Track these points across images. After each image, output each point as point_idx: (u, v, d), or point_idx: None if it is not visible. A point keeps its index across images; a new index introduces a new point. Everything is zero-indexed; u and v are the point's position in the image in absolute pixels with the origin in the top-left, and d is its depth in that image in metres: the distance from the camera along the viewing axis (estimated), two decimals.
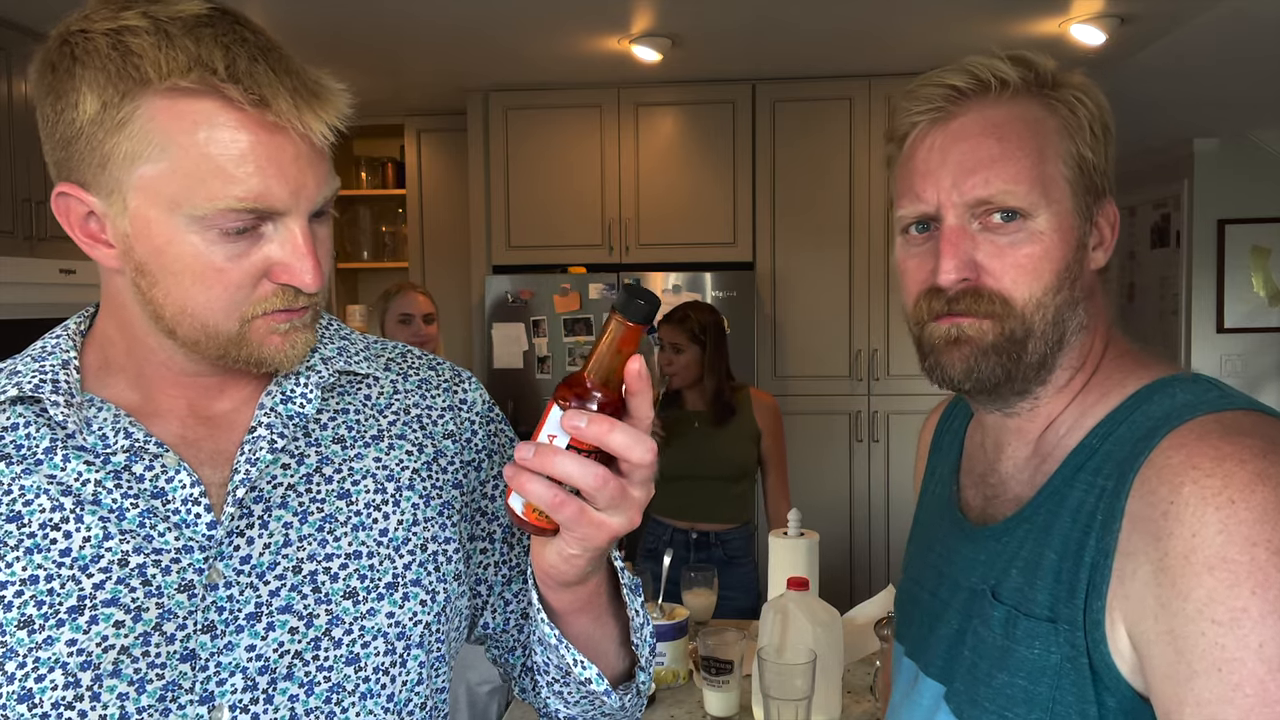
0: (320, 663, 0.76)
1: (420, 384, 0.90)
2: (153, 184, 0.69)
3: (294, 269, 0.72)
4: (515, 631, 0.92)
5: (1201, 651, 0.67)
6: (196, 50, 0.67)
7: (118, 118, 0.68)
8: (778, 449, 2.89)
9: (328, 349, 0.86)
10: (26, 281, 2.90)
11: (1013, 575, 0.83)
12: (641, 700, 0.90)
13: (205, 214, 0.69)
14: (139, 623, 0.72)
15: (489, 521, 0.90)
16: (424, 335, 2.96)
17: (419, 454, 0.86)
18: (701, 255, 4.05)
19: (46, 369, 0.77)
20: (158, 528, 0.74)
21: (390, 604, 0.79)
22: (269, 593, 0.76)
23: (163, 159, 0.68)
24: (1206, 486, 0.68)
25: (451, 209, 4.50)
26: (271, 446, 0.78)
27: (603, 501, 0.66)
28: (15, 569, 0.72)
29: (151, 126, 0.68)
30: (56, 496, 0.74)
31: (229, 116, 0.68)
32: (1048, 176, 0.81)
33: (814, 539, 2.13)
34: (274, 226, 0.72)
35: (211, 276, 0.71)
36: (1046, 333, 0.82)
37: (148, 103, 0.68)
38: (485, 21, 3.24)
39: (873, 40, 3.49)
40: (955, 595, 0.91)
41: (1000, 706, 0.81)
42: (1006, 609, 0.82)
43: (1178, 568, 0.68)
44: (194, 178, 0.68)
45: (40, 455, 0.75)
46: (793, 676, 1.58)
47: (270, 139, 0.69)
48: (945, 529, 0.97)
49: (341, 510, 0.80)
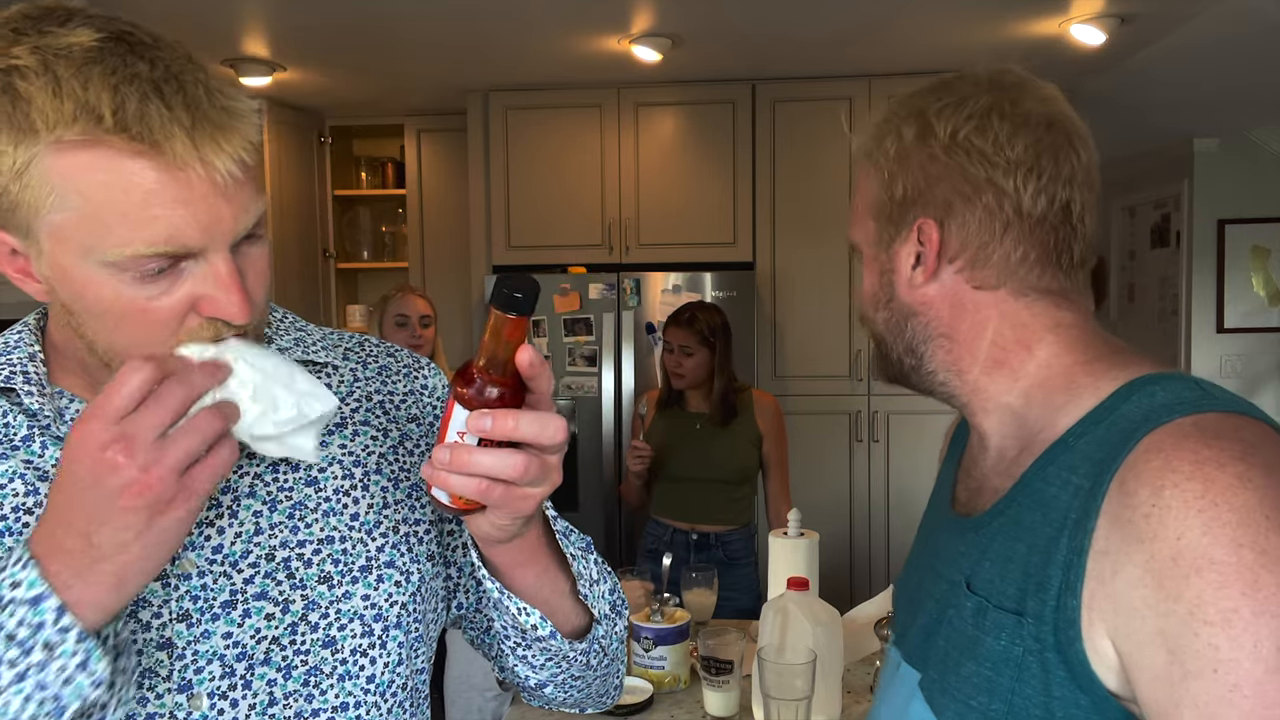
0: (297, 647, 0.78)
1: (380, 370, 0.92)
2: (61, 231, 0.67)
3: (219, 302, 0.69)
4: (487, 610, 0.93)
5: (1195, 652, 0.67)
6: (84, 96, 0.63)
7: (15, 166, 0.65)
8: (779, 451, 2.89)
9: (284, 340, 0.86)
10: None
11: (985, 567, 0.84)
12: (614, 663, 0.91)
13: (116, 260, 0.66)
14: None
15: None
16: (420, 338, 2.97)
17: (384, 439, 0.87)
18: (701, 255, 4.05)
19: (14, 361, 0.78)
20: None
21: (365, 586, 0.81)
22: (243, 580, 0.77)
23: (65, 208, 0.66)
24: (1187, 490, 0.68)
25: (451, 209, 4.50)
26: None
27: (525, 481, 0.67)
28: None
29: (49, 176, 0.65)
30: (33, 481, 0.75)
31: (125, 163, 0.64)
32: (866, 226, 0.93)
33: (814, 539, 2.13)
34: (194, 262, 0.69)
35: (135, 317, 0.69)
36: (884, 340, 0.93)
37: (40, 154, 0.64)
38: (485, 21, 3.24)
39: (872, 40, 3.49)
40: (936, 585, 0.92)
41: (966, 695, 0.82)
42: (978, 599, 0.83)
43: (1165, 570, 0.68)
44: (100, 224, 0.65)
45: (18, 442, 0.76)
46: (793, 676, 1.58)
47: (172, 179, 0.65)
48: (938, 522, 0.99)
49: (310, 497, 0.81)
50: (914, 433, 4.01)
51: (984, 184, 0.84)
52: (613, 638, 0.89)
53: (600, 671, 0.90)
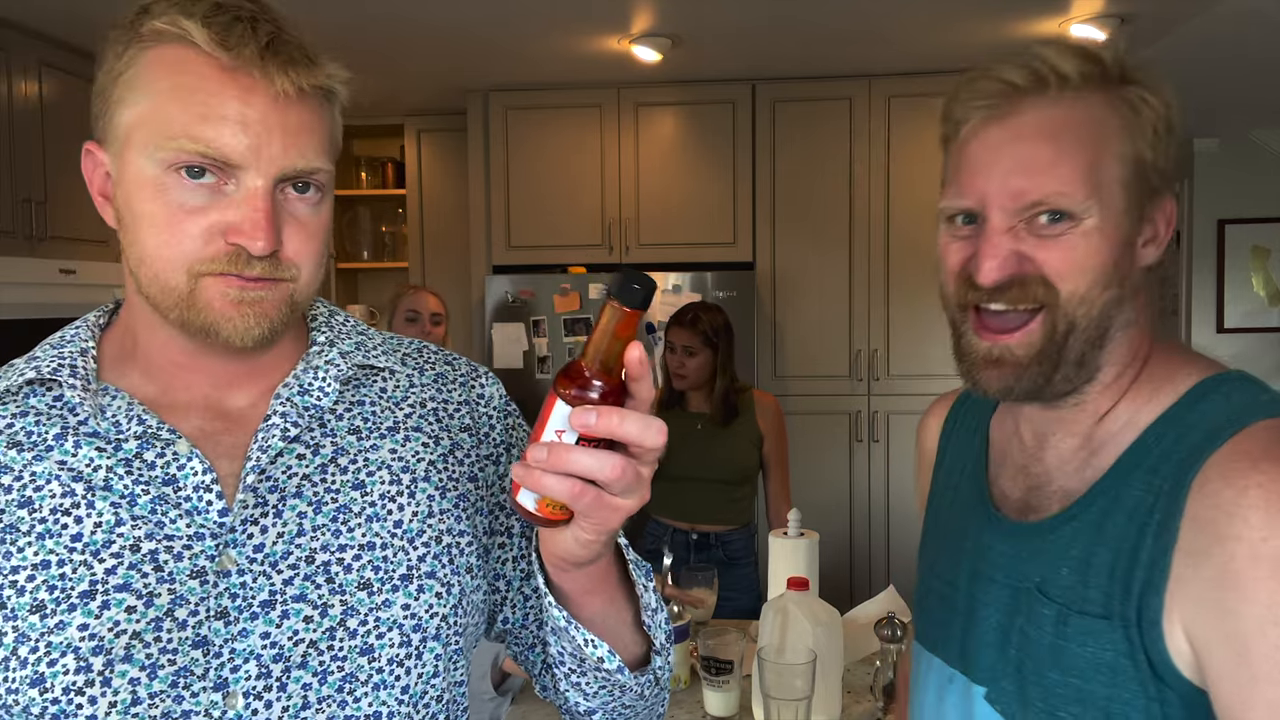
0: (334, 652, 0.77)
1: (437, 378, 0.91)
2: (133, 128, 0.73)
3: (243, 229, 0.72)
4: (534, 627, 0.92)
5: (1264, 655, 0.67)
6: (191, 6, 0.72)
7: (117, 68, 0.73)
8: (780, 451, 2.88)
9: (345, 343, 0.87)
10: (26, 281, 2.90)
11: (1063, 573, 0.82)
12: (663, 692, 0.89)
13: (166, 156, 0.71)
14: (151, 608, 0.73)
15: (507, 516, 0.91)
16: (430, 335, 2.95)
17: (435, 446, 0.87)
18: (701, 255, 4.05)
19: (65, 355, 0.79)
20: (169, 514, 0.75)
21: (405, 595, 0.80)
22: (282, 581, 0.76)
23: (141, 102, 0.72)
24: (1273, 492, 0.68)
25: (451, 209, 4.50)
26: (284, 435, 0.79)
27: (619, 487, 0.66)
28: (27, 554, 0.73)
29: (136, 73, 0.73)
30: (68, 482, 0.75)
31: (198, 60, 0.71)
32: (1101, 180, 0.79)
33: (814, 539, 2.13)
34: (235, 185, 0.73)
35: (165, 223, 0.73)
36: (1089, 329, 0.80)
37: (137, 52, 0.73)
38: (485, 21, 3.24)
39: (873, 40, 3.50)
40: (994, 592, 0.89)
41: (1052, 706, 0.80)
42: (1057, 606, 0.81)
43: (1244, 570, 0.68)
44: (163, 117, 0.71)
45: (51, 442, 0.76)
46: (793, 676, 1.58)
47: (234, 81, 0.71)
48: (977, 524, 0.94)
49: (356, 501, 0.81)
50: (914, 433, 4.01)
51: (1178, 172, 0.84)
52: (666, 668, 0.88)
53: (650, 701, 0.88)
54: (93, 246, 3.23)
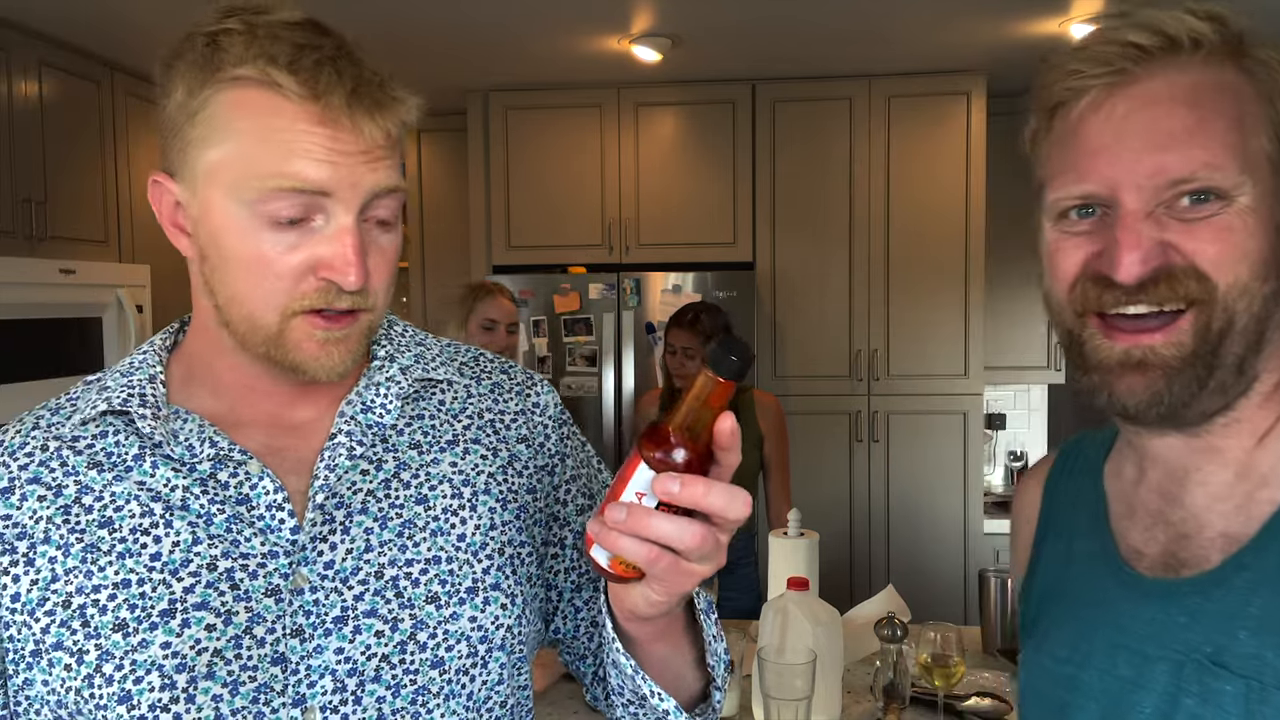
0: (406, 666, 0.78)
1: (493, 388, 0.91)
2: (217, 169, 0.73)
3: (335, 264, 0.73)
4: (585, 639, 0.92)
5: None
6: (271, 48, 0.72)
7: (194, 105, 0.74)
8: (780, 452, 2.88)
9: (405, 358, 0.87)
10: (26, 281, 2.90)
11: (1241, 637, 0.68)
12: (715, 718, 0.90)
13: (256, 197, 0.72)
14: (229, 626, 0.74)
15: (560, 527, 0.91)
16: (505, 344, 2.83)
17: (494, 458, 0.87)
18: (701, 255, 4.05)
19: (134, 383, 0.80)
20: (244, 533, 0.76)
21: (472, 608, 0.81)
22: (353, 597, 0.77)
23: (225, 143, 0.73)
24: None
25: (451, 209, 4.50)
26: (350, 453, 0.80)
27: (696, 555, 0.65)
28: (108, 573, 0.74)
29: (218, 113, 0.73)
30: (146, 502, 0.76)
31: (286, 104, 0.72)
32: (1250, 151, 0.67)
33: (814, 539, 2.13)
34: (324, 220, 0.74)
35: (258, 264, 0.73)
36: (1247, 328, 0.67)
37: (218, 92, 0.73)
38: (485, 21, 3.24)
39: (873, 40, 3.50)
40: (1146, 671, 0.73)
41: None
42: (1244, 681, 0.66)
43: None
44: (249, 159, 0.72)
45: (130, 462, 0.78)
46: (793, 676, 1.58)
47: (323, 127, 0.72)
48: (1106, 590, 0.79)
49: (420, 515, 0.81)
50: (914, 433, 4.01)
51: None
52: (723, 701, 0.88)
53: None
54: (93, 246, 3.22)
